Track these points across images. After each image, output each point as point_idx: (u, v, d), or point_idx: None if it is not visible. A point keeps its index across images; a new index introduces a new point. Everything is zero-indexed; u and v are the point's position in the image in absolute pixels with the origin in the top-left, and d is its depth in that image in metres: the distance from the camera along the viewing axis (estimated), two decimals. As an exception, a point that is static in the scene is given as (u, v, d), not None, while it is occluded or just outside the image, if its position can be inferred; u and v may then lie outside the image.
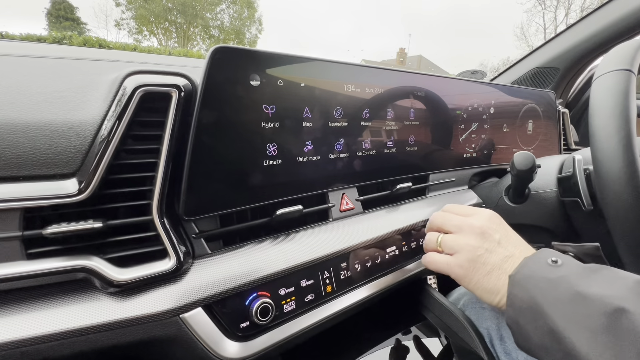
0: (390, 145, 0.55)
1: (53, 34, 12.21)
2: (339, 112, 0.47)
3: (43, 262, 0.29)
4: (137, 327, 0.31)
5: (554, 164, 0.65)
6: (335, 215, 0.50)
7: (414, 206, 0.60)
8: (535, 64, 1.12)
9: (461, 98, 0.68)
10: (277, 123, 0.41)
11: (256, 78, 0.39)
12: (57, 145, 0.30)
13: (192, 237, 0.37)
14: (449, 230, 0.43)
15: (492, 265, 0.37)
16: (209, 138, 0.36)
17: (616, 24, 0.92)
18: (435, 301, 0.58)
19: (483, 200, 0.71)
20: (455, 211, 0.45)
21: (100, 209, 0.32)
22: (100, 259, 0.31)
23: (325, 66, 0.46)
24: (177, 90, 0.34)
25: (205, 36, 26.18)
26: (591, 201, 0.54)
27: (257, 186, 0.41)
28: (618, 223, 0.43)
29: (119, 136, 0.31)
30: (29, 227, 0.29)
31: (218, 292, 0.35)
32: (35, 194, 0.29)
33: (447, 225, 0.44)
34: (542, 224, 0.64)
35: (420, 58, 44.58)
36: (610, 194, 0.42)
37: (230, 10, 26.09)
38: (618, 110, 0.42)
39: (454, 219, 0.43)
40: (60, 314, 0.29)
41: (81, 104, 0.32)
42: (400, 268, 0.54)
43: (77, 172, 0.31)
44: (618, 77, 0.44)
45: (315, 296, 0.43)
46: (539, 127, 0.86)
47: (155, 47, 18.63)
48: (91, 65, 0.38)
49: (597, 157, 0.44)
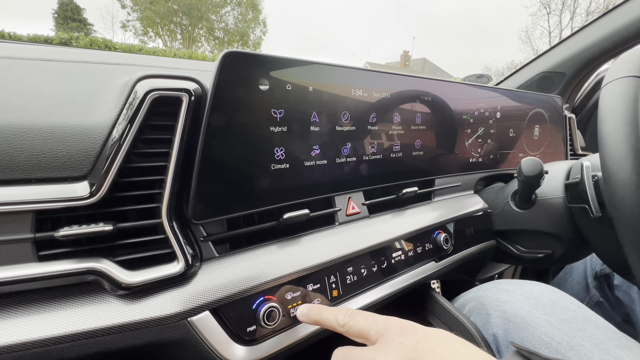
0: (397, 149, 0.55)
1: (60, 34, 12.34)
2: (346, 117, 0.48)
3: (54, 264, 0.29)
4: (146, 330, 0.31)
5: (561, 170, 0.64)
6: (341, 219, 0.50)
7: (419, 211, 0.60)
8: (542, 69, 1.11)
9: (467, 103, 0.68)
10: (285, 127, 0.41)
11: (265, 82, 0.39)
12: (69, 149, 0.30)
13: (200, 240, 0.38)
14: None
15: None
16: (218, 142, 0.36)
17: (624, 29, 0.91)
18: (440, 306, 0.57)
19: (489, 205, 0.71)
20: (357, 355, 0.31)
21: (111, 212, 0.32)
22: (110, 261, 0.31)
23: (333, 71, 0.46)
24: (188, 95, 0.35)
25: (210, 38, 26.34)
26: (599, 208, 0.53)
27: (264, 190, 0.41)
28: (627, 231, 0.42)
29: (130, 140, 0.32)
30: (40, 229, 0.29)
31: (225, 296, 0.35)
32: (48, 196, 0.29)
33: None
34: (548, 230, 0.64)
35: (424, 61, 44.57)
36: (619, 201, 0.42)
37: (235, 13, 26.24)
38: (627, 118, 0.42)
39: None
40: (70, 316, 0.29)
41: (93, 108, 0.33)
42: (406, 272, 0.54)
43: (88, 175, 0.31)
44: (627, 84, 0.44)
45: (321, 300, 0.43)
46: (546, 132, 0.85)
47: (160, 48, 18.76)
48: (102, 69, 0.39)
49: (606, 164, 0.43)
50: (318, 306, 0.38)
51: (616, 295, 0.72)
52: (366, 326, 0.31)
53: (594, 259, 0.79)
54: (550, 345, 0.41)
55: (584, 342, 0.40)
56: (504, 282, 0.54)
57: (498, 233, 0.72)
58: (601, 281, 0.76)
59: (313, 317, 0.36)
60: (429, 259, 0.58)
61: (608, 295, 0.75)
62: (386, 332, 0.30)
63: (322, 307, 0.37)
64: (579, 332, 0.41)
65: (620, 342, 0.40)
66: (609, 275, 0.74)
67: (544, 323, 0.43)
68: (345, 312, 0.34)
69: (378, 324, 0.31)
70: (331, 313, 0.35)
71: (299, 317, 0.38)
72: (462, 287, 0.63)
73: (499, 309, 0.48)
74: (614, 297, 0.73)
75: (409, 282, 0.53)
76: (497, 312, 0.48)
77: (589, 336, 0.41)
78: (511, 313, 0.46)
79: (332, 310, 0.35)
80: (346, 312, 0.34)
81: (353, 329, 0.32)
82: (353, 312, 0.34)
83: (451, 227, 0.63)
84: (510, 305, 0.47)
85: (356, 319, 0.32)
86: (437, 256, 0.60)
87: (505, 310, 0.47)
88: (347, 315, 0.33)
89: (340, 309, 0.35)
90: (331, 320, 0.34)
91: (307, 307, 0.38)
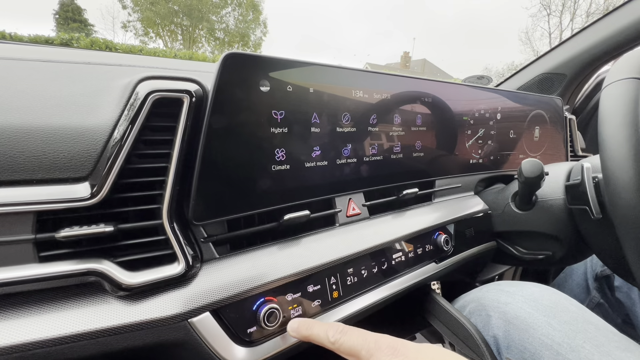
0: (397, 150, 0.55)
1: (61, 35, 12.36)
2: (346, 118, 0.48)
3: (55, 265, 0.29)
4: (146, 331, 0.31)
5: (561, 171, 0.64)
6: (341, 220, 0.50)
7: (420, 212, 0.60)
8: (542, 70, 1.11)
9: (468, 104, 0.68)
10: (285, 128, 0.41)
11: (266, 84, 0.39)
12: (70, 150, 0.30)
13: (201, 241, 0.38)
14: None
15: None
16: (219, 143, 0.36)
17: (624, 30, 0.92)
18: (440, 308, 0.57)
19: (489, 206, 0.71)
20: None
21: (111, 213, 0.32)
22: (111, 262, 0.31)
23: (333, 72, 0.46)
24: (189, 96, 0.35)
25: (211, 39, 26.37)
26: (600, 209, 0.53)
27: (265, 191, 0.41)
28: (628, 232, 0.42)
29: (131, 141, 0.32)
30: (41, 230, 0.29)
31: (226, 297, 0.35)
32: (49, 197, 0.29)
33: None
34: (549, 232, 0.64)
35: (425, 62, 44.61)
36: (620, 203, 0.42)
37: (236, 13, 26.27)
38: (628, 119, 0.42)
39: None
40: (71, 317, 0.29)
41: (94, 109, 0.33)
42: (406, 274, 0.54)
43: (89, 176, 0.31)
44: (628, 85, 0.44)
45: (322, 302, 0.43)
46: (546, 133, 0.85)
47: (161, 49, 18.78)
48: (104, 70, 0.39)
49: (607, 165, 0.43)
50: (309, 321, 0.37)
51: (617, 296, 0.72)
52: (357, 345, 0.31)
53: (595, 261, 0.79)
54: (551, 347, 0.41)
55: (584, 343, 0.40)
56: (504, 284, 0.54)
57: (498, 234, 0.72)
58: (601, 283, 0.76)
59: (303, 333, 0.36)
60: (429, 260, 0.58)
61: (608, 296, 0.75)
62: (377, 353, 0.30)
63: (313, 322, 0.37)
64: (579, 333, 0.41)
65: (620, 344, 0.40)
66: (609, 277, 0.74)
67: (544, 325, 0.43)
68: (336, 328, 0.33)
69: (369, 342, 0.31)
70: (322, 329, 0.34)
71: (289, 332, 0.37)
72: (463, 289, 0.63)
73: (499, 310, 0.48)
74: (615, 299, 0.73)
75: (409, 284, 0.53)
76: (498, 313, 0.48)
77: (589, 338, 0.41)
78: (512, 314, 0.46)
79: (322, 325, 0.35)
80: (337, 329, 0.33)
81: (344, 347, 0.32)
82: (344, 328, 0.33)
83: (451, 229, 0.63)
84: (511, 307, 0.47)
85: (347, 336, 0.32)
86: (438, 257, 0.60)
87: (505, 312, 0.47)
88: (337, 331, 0.33)
89: (331, 324, 0.34)
90: (321, 336, 0.33)
91: (298, 322, 0.37)
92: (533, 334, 0.43)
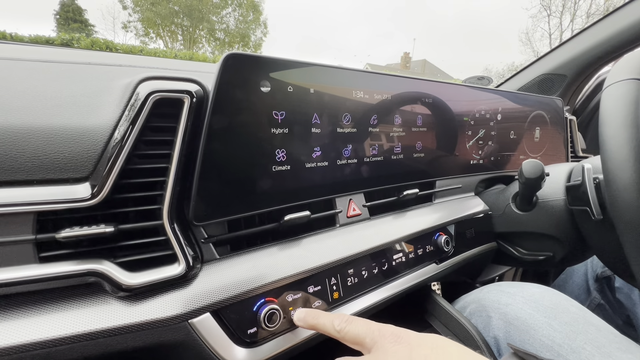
0: (398, 151, 0.55)
1: (62, 35, 12.37)
2: (347, 118, 0.48)
3: (55, 265, 0.29)
4: (146, 332, 0.31)
5: (562, 172, 0.64)
6: (342, 221, 0.50)
7: (420, 212, 0.60)
8: (543, 71, 1.11)
9: (468, 104, 0.68)
10: (286, 129, 0.41)
11: (267, 84, 0.39)
12: (71, 150, 0.30)
13: (201, 241, 0.38)
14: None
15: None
16: (220, 143, 0.36)
17: (625, 31, 0.92)
18: (441, 308, 0.57)
19: (490, 207, 0.71)
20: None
21: (112, 213, 0.32)
22: (111, 263, 0.31)
23: (334, 72, 0.46)
24: (189, 96, 0.35)
25: (211, 39, 26.39)
26: (600, 210, 0.53)
27: (266, 192, 0.41)
28: (628, 233, 0.42)
29: (131, 141, 0.32)
30: (41, 230, 0.29)
31: (226, 298, 0.35)
32: (49, 197, 0.29)
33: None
34: (549, 232, 0.64)
35: (425, 62, 44.63)
36: (621, 203, 0.42)
37: (236, 14, 26.29)
38: (629, 120, 0.42)
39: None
40: (71, 318, 0.29)
41: (94, 109, 0.33)
42: (406, 274, 0.53)
43: (89, 176, 0.31)
44: (629, 86, 0.44)
45: (322, 302, 0.43)
46: (546, 134, 0.85)
47: (161, 49, 18.79)
48: (104, 70, 0.39)
49: (608, 166, 0.43)
50: (315, 311, 0.38)
51: (617, 297, 0.72)
52: (361, 333, 0.32)
53: (595, 262, 0.79)
54: (552, 348, 0.41)
55: (585, 345, 0.40)
56: (505, 285, 0.54)
57: (499, 235, 0.72)
58: (602, 284, 0.76)
59: (310, 322, 0.37)
60: (430, 261, 0.58)
61: (609, 297, 0.75)
62: (380, 340, 0.31)
63: (319, 312, 0.38)
64: (580, 334, 0.41)
65: (621, 345, 0.40)
66: (610, 278, 0.74)
67: (545, 326, 0.43)
68: (342, 317, 0.34)
69: (373, 331, 0.32)
70: (327, 318, 0.35)
71: (295, 321, 0.38)
72: (463, 289, 0.63)
73: (500, 311, 0.48)
74: (615, 300, 0.73)
75: (409, 284, 0.53)
76: (498, 314, 0.48)
77: (590, 339, 0.40)
78: (512, 315, 0.46)
79: (328, 315, 0.36)
80: (342, 318, 0.34)
81: (348, 335, 0.32)
82: (349, 318, 0.34)
83: (452, 229, 0.63)
84: (511, 308, 0.47)
85: (352, 325, 0.33)
86: (438, 258, 0.59)
87: (506, 313, 0.47)
88: (343, 321, 0.34)
89: (337, 314, 0.35)
90: (327, 326, 0.34)
91: (305, 312, 0.38)
92: (534, 335, 0.43)
